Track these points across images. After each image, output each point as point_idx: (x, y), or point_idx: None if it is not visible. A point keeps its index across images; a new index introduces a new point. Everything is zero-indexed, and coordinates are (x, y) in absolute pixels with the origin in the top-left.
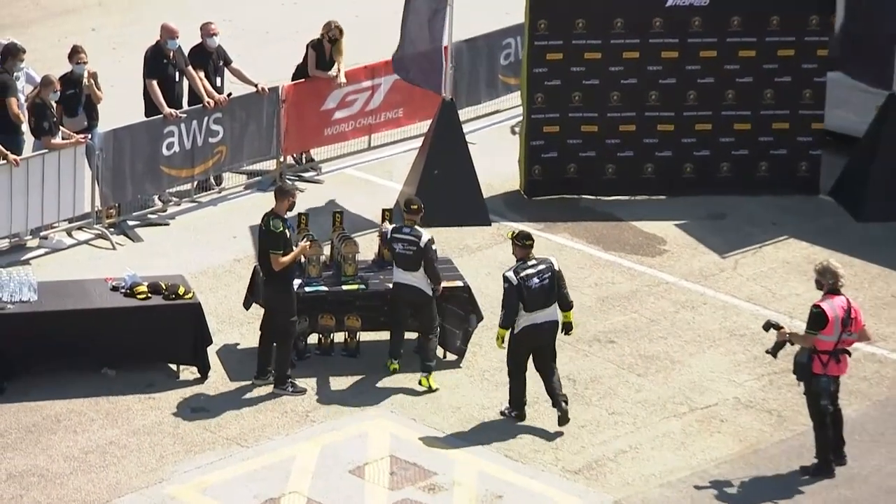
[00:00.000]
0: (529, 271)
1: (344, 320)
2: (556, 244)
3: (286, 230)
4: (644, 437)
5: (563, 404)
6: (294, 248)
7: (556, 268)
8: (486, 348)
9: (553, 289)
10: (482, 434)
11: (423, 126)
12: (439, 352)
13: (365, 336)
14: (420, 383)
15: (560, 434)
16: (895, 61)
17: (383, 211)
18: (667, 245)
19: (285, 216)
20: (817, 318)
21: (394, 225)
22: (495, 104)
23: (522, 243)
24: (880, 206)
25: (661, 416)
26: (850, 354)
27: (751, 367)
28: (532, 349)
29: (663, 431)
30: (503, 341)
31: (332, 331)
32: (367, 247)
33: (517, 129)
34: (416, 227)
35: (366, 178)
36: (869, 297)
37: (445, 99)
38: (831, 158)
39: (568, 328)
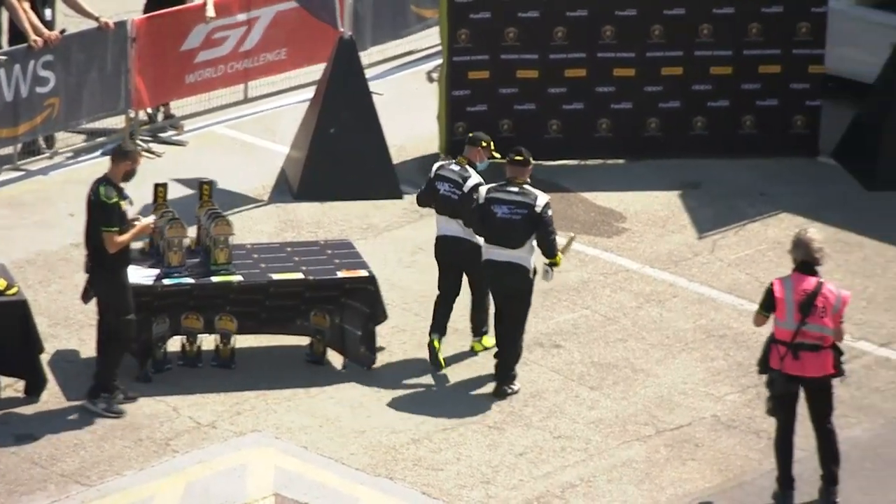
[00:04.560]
0: (502, 196)
1: (214, 321)
2: None
3: (121, 202)
4: (599, 467)
5: (506, 388)
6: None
7: (540, 210)
8: (398, 355)
9: (525, 231)
10: (393, 465)
11: (315, 72)
12: (337, 362)
13: (242, 341)
14: (472, 348)
15: (493, 464)
16: None
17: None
18: (626, 223)
19: (120, 184)
20: (764, 296)
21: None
22: (407, 43)
23: (511, 159)
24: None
25: (619, 441)
26: (816, 351)
27: (733, 376)
28: (496, 297)
29: (623, 460)
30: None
31: (198, 335)
32: (244, 227)
33: (435, 76)
34: (468, 166)
35: (241, 138)
36: (882, 287)
37: (343, 36)
38: (835, 111)
39: (552, 265)
